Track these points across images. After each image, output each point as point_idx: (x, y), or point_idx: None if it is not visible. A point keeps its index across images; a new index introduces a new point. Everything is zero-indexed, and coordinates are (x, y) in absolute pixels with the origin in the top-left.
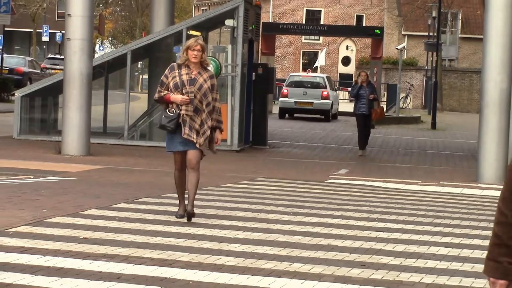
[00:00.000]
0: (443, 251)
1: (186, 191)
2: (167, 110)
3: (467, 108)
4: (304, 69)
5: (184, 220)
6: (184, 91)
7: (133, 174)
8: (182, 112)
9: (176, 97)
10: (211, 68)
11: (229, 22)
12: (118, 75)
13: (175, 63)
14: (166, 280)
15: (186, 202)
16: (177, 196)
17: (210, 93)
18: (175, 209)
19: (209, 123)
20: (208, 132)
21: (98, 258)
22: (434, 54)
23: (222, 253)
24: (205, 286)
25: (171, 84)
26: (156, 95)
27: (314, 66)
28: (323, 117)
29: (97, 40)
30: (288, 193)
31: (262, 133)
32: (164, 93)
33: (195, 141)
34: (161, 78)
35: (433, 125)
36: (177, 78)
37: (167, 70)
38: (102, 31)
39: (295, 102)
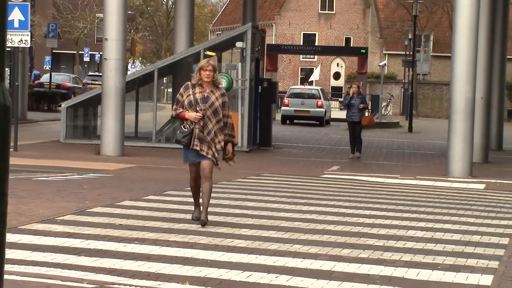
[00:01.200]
0: (419, 234)
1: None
2: (182, 126)
3: (438, 115)
4: (302, 83)
5: (199, 222)
6: (197, 108)
7: (160, 171)
8: (196, 126)
9: (190, 114)
10: (224, 83)
11: (239, 44)
12: (147, 88)
13: (189, 83)
14: (188, 259)
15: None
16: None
17: (222, 110)
18: None
19: (220, 137)
20: (219, 146)
21: (131, 241)
22: (410, 69)
23: (234, 236)
24: (220, 264)
25: (186, 102)
26: (173, 113)
27: (310, 80)
28: (318, 122)
29: (129, 60)
30: (289, 186)
31: (267, 136)
32: (180, 110)
33: (205, 153)
34: (177, 96)
35: (410, 129)
36: (191, 97)
37: (182, 88)
38: (134, 52)
39: (295, 110)
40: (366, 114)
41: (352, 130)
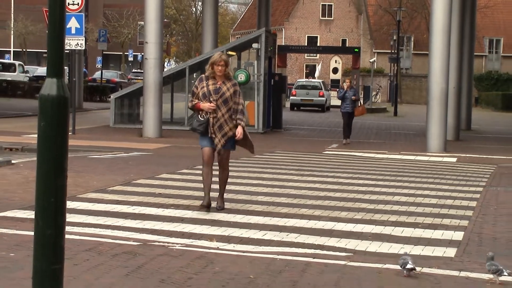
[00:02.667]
0: (403, 198)
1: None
2: (198, 115)
3: (418, 101)
4: (307, 77)
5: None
6: (211, 99)
7: (191, 150)
8: (212, 116)
9: (204, 105)
10: (243, 77)
11: (255, 45)
12: (180, 82)
13: (203, 75)
14: (215, 221)
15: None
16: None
17: (232, 99)
18: None
19: (231, 125)
20: (230, 133)
21: (168, 207)
22: (395, 65)
23: (252, 202)
24: (241, 225)
25: (200, 94)
26: (189, 104)
27: (315, 75)
28: (320, 109)
29: (166, 59)
30: (297, 161)
31: (278, 120)
32: (195, 102)
33: (217, 141)
34: (192, 89)
35: (395, 113)
36: (205, 89)
37: (197, 81)
38: (169, 53)
39: (301, 99)
40: (359, 105)
41: (346, 119)
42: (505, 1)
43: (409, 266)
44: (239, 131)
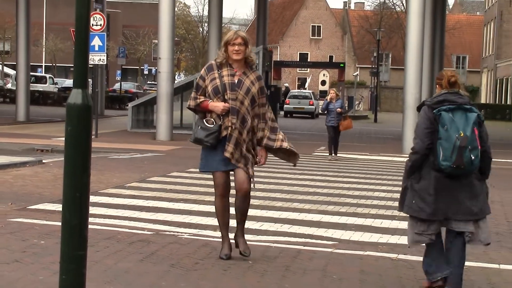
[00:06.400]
0: (382, 194)
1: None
2: (204, 120)
3: (395, 110)
4: (299, 88)
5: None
6: (226, 97)
7: (199, 151)
8: (229, 124)
9: (217, 105)
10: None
11: None
12: (189, 92)
13: (213, 62)
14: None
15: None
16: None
17: (258, 100)
18: None
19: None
20: (249, 155)
21: (178, 201)
22: (375, 78)
23: (250, 197)
24: (260, 220)
25: (210, 88)
26: (192, 103)
27: (305, 86)
28: (310, 116)
29: (176, 72)
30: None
31: None
32: (201, 100)
33: (235, 160)
34: (197, 81)
35: (375, 120)
36: (217, 81)
37: (203, 70)
38: (179, 67)
39: (293, 107)
40: (344, 118)
41: (331, 134)
42: (470, 24)
43: None
44: (262, 155)
